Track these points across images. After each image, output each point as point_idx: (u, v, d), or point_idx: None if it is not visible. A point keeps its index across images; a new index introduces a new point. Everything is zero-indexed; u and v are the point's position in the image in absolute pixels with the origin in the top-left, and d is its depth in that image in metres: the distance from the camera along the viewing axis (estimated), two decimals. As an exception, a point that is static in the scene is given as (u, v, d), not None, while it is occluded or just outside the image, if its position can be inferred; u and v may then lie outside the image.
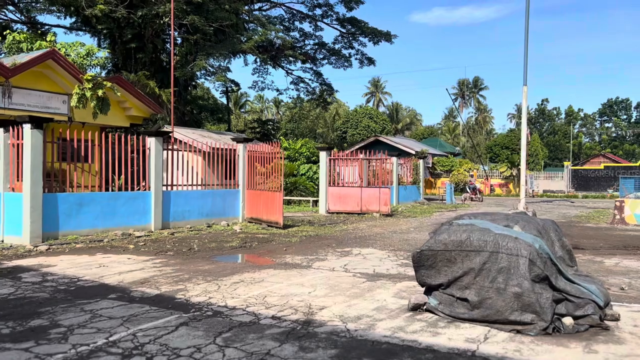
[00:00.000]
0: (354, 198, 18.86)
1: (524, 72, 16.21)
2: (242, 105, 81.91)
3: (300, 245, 10.76)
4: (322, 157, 19.12)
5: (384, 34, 38.57)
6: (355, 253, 9.76)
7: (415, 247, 10.47)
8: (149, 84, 28.17)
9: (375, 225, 15.03)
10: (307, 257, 9.18)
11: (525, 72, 16.19)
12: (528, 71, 16.93)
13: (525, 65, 16.17)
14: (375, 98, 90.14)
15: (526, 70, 16.21)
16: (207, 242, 11.19)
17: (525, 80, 16.29)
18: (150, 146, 13.03)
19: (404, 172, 25.30)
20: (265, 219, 14.30)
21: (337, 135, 61.70)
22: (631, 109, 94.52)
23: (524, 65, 16.21)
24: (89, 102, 13.72)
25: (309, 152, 29.06)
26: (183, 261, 8.80)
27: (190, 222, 13.86)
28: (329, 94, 45.46)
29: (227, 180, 15.26)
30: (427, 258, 5.35)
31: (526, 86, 16.27)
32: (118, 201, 12.26)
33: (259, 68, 44.37)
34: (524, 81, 16.32)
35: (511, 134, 73.65)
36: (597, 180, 37.25)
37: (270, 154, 14.49)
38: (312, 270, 7.89)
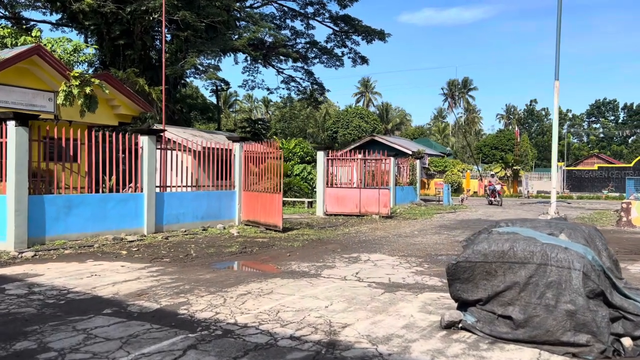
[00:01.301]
0: (353, 199, 18.31)
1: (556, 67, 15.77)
2: (231, 105, 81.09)
3: (303, 251, 10.17)
4: (320, 157, 18.55)
5: (378, 33, 38.09)
6: (363, 259, 9.20)
7: (425, 252, 9.99)
8: (139, 82, 27.39)
9: (377, 228, 14.49)
10: (314, 264, 8.60)
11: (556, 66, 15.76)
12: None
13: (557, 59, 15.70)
14: (365, 98, 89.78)
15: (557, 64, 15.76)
16: (205, 247, 10.56)
17: (557, 75, 15.87)
18: (142, 145, 12.36)
19: (400, 173, 24.81)
20: (263, 222, 13.69)
21: (327, 135, 61.14)
22: (618, 110, 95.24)
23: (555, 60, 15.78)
24: (76, 100, 13.04)
25: (303, 152, 28.47)
26: (181, 269, 8.17)
27: (184, 225, 13.20)
28: (320, 93, 44.90)
29: (221, 181, 14.61)
30: (464, 270, 4.80)
31: (557, 81, 15.82)
32: (109, 203, 11.57)
33: (249, 67, 43.67)
34: (555, 76, 15.84)
35: (500, 134, 73.58)
36: (590, 181, 37.14)
37: (268, 154, 13.89)
38: (322, 280, 7.31)
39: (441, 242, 11.58)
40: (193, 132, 25.72)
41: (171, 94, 35.16)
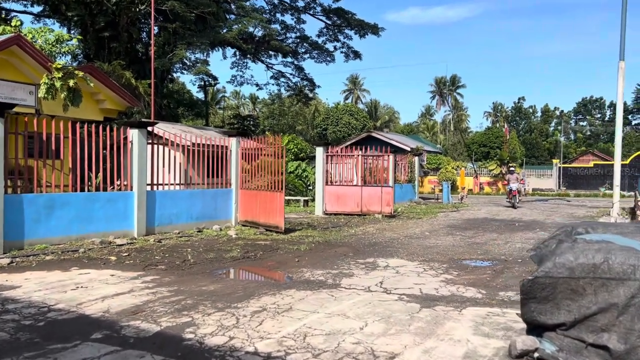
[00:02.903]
0: (354, 198, 17.40)
1: (621, 46, 14.76)
2: (218, 102, 79.76)
3: (312, 255, 9.23)
4: (319, 153, 17.59)
5: (371, 27, 37.19)
6: (382, 265, 8.29)
7: (446, 257, 9.11)
8: (125, 75, 26.15)
9: (383, 229, 13.59)
10: (329, 272, 7.66)
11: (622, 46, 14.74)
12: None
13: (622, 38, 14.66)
14: (353, 95, 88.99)
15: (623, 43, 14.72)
16: (203, 251, 9.55)
17: (622, 55, 14.83)
18: (132, 139, 11.30)
19: (399, 170, 23.97)
20: (262, 222, 12.71)
21: (317, 133, 60.19)
22: (605, 107, 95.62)
23: (620, 39, 14.76)
24: (59, 93, 11.99)
25: (297, 149, 27.52)
26: (180, 278, 7.18)
27: (178, 227, 12.17)
28: (310, 89, 43.92)
29: (214, 179, 13.60)
30: (543, 287, 3.90)
31: (623, 61, 14.82)
32: (95, 203, 10.51)
33: (238, 62, 42.50)
34: (620, 56, 14.79)
35: (489, 131, 73.33)
36: (586, 178, 36.71)
37: (267, 150, 12.91)
38: (344, 292, 6.38)
39: (458, 245, 10.72)
40: (182, 128, 24.56)
41: (158, 89, 33.91)
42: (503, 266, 8.32)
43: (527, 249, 10.08)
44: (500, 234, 12.65)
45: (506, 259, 9.04)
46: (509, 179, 22.66)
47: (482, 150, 64.57)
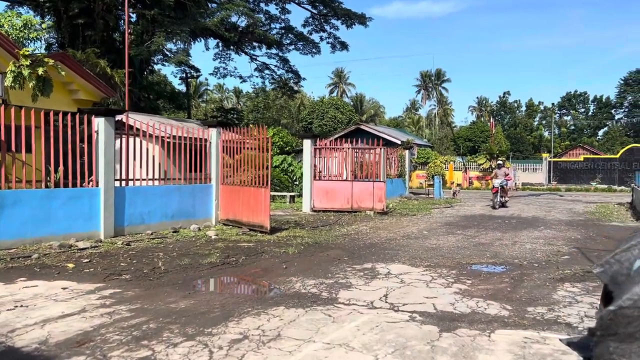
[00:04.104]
0: (344, 194, 16.31)
1: None
2: (201, 95, 78.11)
3: (302, 260, 8.12)
4: (307, 146, 16.45)
5: (359, 16, 36.00)
6: (383, 272, 7.21)
7: (453, 261, 8.03)
8: (100, 63, 24.66)
9: (377, 228, 12.53)
10: (322, 282, 6.55)
11: None
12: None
13: None
14: (338, 89, 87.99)
15: None
16: (177, 255, 8.38)
17: None
18: (98, 128, 10.04)
19: (389, 164, 22.94)
20: (245, 221, 11.56)
21: (302, 127, 59.07)
22: (589, 102, 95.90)
23: None
24: (27, 82, 10.80)
25: (283, 142, 26.37)
26: (145, 292, 6.02)
27: (151, 227, 10.96)
28: (295, 82, 42.67)
29: (195, 174, 12.41)
30: (628, 322, 2.81)
31: None
32: (55, 201, 9.25)
33: (221, 53, 41.10)
34: None
35: (474, 126, 72.91)
36: (576, 172, 36.14)
37: (251, 142, 11.74)
38: (344, 310, 5.28)
39: (463, 246, 9.70)
40: (161, 120, 23.15)
41: (137, 80, 32.42)
42: (520, 272, 7.30)
43: (541, 251, 9.12)
44: (504, 233, 11.68)
45: (520, 263, 8.03)
46: (496, 174, 19.73)
47: (467, 144, 64.12)
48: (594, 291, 6.13)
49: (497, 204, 18.27)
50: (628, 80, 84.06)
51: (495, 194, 18.49)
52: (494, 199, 18.41)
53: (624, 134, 79.51)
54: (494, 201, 18.38)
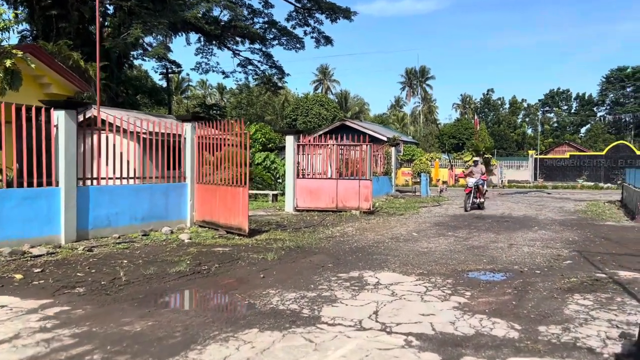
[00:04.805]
0: (328, 192, 15.54)
1: None
2: (183, 91, 76.75)
3: (282, 268, 7.33)
4: (289, 142, 15.64)
5: (343, 11, 35.27)
6: (371, 282, 6.46)
7: (447, 267, 7.24)
8: (72, 56, 23.53)
9: (364, 229, 11.80)
10: (304, 295, 5.78)
11: None
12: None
13: None
14: (323, 86, 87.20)
15: None
16: (142, 263, 7.53)
17: None
18: (57, 122, 9.12)
19: (375, 161, 22.23)
20: (223, 223, 10.73)
21: (286, 123, 58.20)
22: (571, 99, 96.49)
23: None
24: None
25: (265, 139, 25.51)
26: (98, 309, 5.19)
27: (119, 230, 10.07)
28: (279, 78, 41.80)
29: (172, 172, 11.55)
30: None
31: None
32: (7, 202, 8.32)
33: (202, 48, 40.11)
34: None
35: (458, 123, 72.74)
36: (562, 169, 35.86)
37: (228, 138, 10.90)
38: (328, 332, 4.51)
39: (456, 250, 9.00)
40: (138, 115, 22.13)
41: (114, 74, 31.28)
42: (522, 281, 6.62)
43: (541, 255, 8.47)
44: (498, 234, 11.03)
45: (520, 269, 7.35)
46: (472, 172, 17.33)
47: (452, 141, 63.92)
48: (608, 304, 5.46)
49: (469, 206, 16.19)
50: (610, 78, 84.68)
51: (468, 194, 16.38)
52: (467, 200, 16.31)
53: (606, 131, 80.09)
54: (466, 202, 16.24)
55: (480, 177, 16.91)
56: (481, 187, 16.88)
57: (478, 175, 16.98)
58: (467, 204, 16.22)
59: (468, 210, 15.91)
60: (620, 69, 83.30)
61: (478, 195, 16.76)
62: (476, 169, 17.37)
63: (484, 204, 17.12)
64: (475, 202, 16.67)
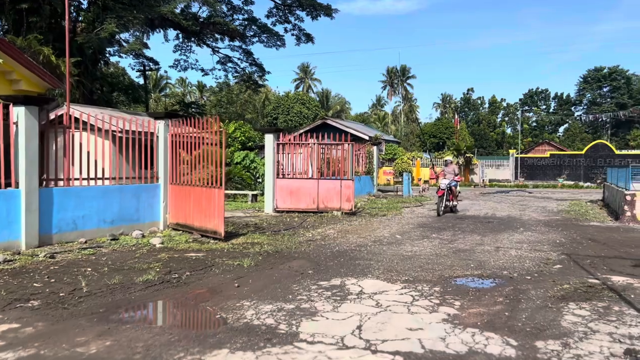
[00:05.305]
0: (309, 193, 15.09)
1: None
2: (162, 89, 75.51)
3: (259, 276, 6.86)
4: (269, 141, 15.13)
5: (324, 7, 34.83)
6: (354, 291, 6.03)
7: (434, 273, 6.81)
8: (43, 51, 22.64)
9: (346, 231, 11.37)
10: (281, 307, 5.32)
11: None
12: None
13: None
14: (304, 84, 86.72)
15: None
16: (107, 272, 6.98)
17: None
18: (17, 119, 8.49)
19: (357, 160, 21.85)
20: (197, 227, 10.20)
21: (267, 122, 57.60)
22: (550, 99, 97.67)
23: None
24: (-43, 71, 9.26)
25: (245, 137, 24.95)
26: (51, 327, 4.66)
27: (86, 234, 9.47)
28: (260, 75, 41.21)
29: (146, 172, 10.97)
30: None
31: None
32: (-40, 206, 7.69)
33: (181, 45, 39.34)
34: None
35: (439, 122, 73.02)
36: (543, 168, 36.00)
37: (204, 136, 10.37)
38: (306, 353, 4.06)
39: (441, 253, 8.64)
40: (112, 113, 21.42)
41: (89, 71, 30.33)
42: (513, 288, 6.26)
43: (529, 259, 8.15)
44: (484, 237, 10.71)
45: (510, 275, 7.00)
46: (444, 173, 16.10)
47: (432, 141, 64.10)
48: (607, 315, 5.12)
49: (441, 209, 14.87)
50: (587, 78, 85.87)
51: (441, 197, 15.10)
52: (439, 203, 14.98)
53: (583, 131, 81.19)
54: (439, 206, 14.90)
55: (453, 178, 15.78)
56: (454, 188, 15.77)
57: (451, 176, 15.85)
58: (439, 207, 14.91)
59: (441, 214, 14.69)
60: (597, 69, 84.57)
61: (451, 198, 15.60)
62: (448, 170, 16.17)
63: (457, 207, 16.12)
64: (448, 205, 15.54)
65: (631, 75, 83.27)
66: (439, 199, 15.11)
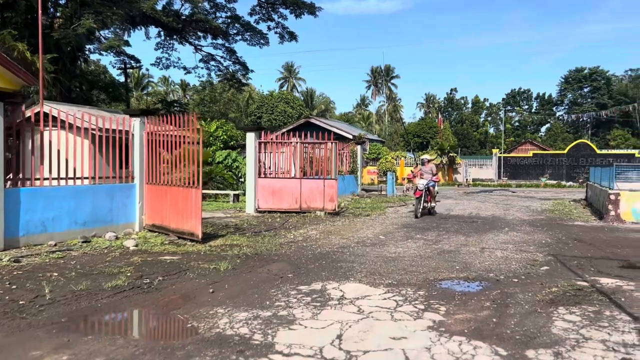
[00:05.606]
0: (291, 192, 14.77)
1: None
2: (144, 87, 74.54)
3: (236, 280, 6.53)
4: (250, 140, 14.78)
5: (308, 6, 34.49)
6: (335, 296, 5.74)
7: (418, 276, 6.54)
8: (17, 47, 21.95)
9: (329, 232, 11.08)
10: (257, 315, 5.01)
11: None
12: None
13: None
14: (288, 83, 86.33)
15: None
16: (75, 276, 6.59)
17: None
18: (-20, 117, 8.04)
19: (341, 160, 21.58)
20: (174, 228, 9.82)
21: (251, 121, 57.09)
22: (532, 99, 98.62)
23: None
24: None
25: (227, 136, 24.51)
26: (4, 340, 4.28)
27: (56, 236, 9.04)
28: (243, 74, 40.72)
29: (122, 172, 10.55)
30: None
31: None
32: None
33: (163, 43, 38.68)
34: None
35: (423, 122, 73.24)
36: (526, 168, 36.15)
37: (181, 133, 9.98)
38: (282, 365, 3.76)
39: (426, 255, 8.39)
40: (91, 111, 20.84)
41: (67, 68, 29.60)
42: (500, 291, 6.03)
43: (515, 260, 7.94)
44: (468, 237, 10.50)
45: (496, 277, 6.78)
46: (421, 172, 14.94)
47: (416, 140, 64.23)
48: (598, 320, 4.90)
49: (419, 211, 13.95)
50: (568, 79, 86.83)
51: (418, 198, 14.12)
52: (417, 205, 14.07)
53: (565, 130, 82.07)
54: (417, 208, 14.01)
55: (431, 179, 14.66)
56: (432, 189, 14.64)
57: (429, 175, 14.72)
58: (417, 209, 13.98)
59: (419, 217, 13.82)
60: (578, 70, 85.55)
61: (429, 199, 14.55)
62: (426, 169, 15.00)
63: (435, 209, 15.15)
64: (426, 206, 14.51)
65: (611, 76, 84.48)
66: (417, 200, 14.25)
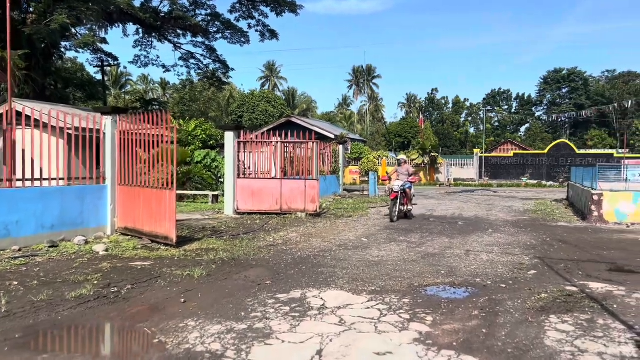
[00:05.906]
0: (272, 193, 14.39)
1: None
2: (122, 86, 73.22)
3: (210, 288, 6.15)
4: (229, 139, 14.36)
5: (289, 4, 34.06)
6: (315, 306, 5.41)
7: (402, 283, 6.22)
8: (-16, 43, 21.15)
9: (310, 234, 10.74)
10: (231, 327, 4.64)
11: None
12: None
13: None
14: (270, 82, 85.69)
15: None
16: (37, 285, 6.14)
17: None
18: (-64, 114, 7.50)
19: (322, 160, 21.27)
20: (147, 231, 9.38)
21: (232, 120, 56.42)
22: (512, 99, 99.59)
23: None
24: None
25: (206, 135, 24.00)
26: (-52, 361, 3.85)
27: (20, 241, 8.53)
28: (223, 73, 40.11)
29: (91, 172, 10.06)
30: None
31: None
32: None
33: (141, 40, 37.87)
34: None
35: (404, 122, 73.38)
36: (507, 168, 36.31)
37: (156, 132, 9.53)
38: (256, 387, 3.41)
39: (410, 258, 8.11)
40: (66, 110, 20.12)
41: (40, 65, 28.75)
42: (488, 298, 5.76)
43: (502, 264, 7.70)
44: (452, 239, 10.27)
45: (483, 283, 6.52)
46: (397, 173, 14.10)
47: (398, 140, 64.28)
48: (592, 330, 4.66)
49: (395, 215, 13.08)
50: (547, 79, 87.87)
51: (394, 200, 13.26)
52: (392, 208, 13.16)
53: (544, 130, 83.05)
54: (392, 211, 13.10)
55: (407, 180, 13.82)
56: (408, 191, 13.74)
57: (405, 177, 13.86)
58: (392, 213, 13.09)
59: (395, 221, 12.93)
60: (557, 70, 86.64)
61: (405, 201, 13.71)
62: (402, 170, 14.12)
63: (412, 212, 14.24)
64: (402, 209, 13.68)
65: (589, 77, 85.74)
66: (392, 202, 13.33)
